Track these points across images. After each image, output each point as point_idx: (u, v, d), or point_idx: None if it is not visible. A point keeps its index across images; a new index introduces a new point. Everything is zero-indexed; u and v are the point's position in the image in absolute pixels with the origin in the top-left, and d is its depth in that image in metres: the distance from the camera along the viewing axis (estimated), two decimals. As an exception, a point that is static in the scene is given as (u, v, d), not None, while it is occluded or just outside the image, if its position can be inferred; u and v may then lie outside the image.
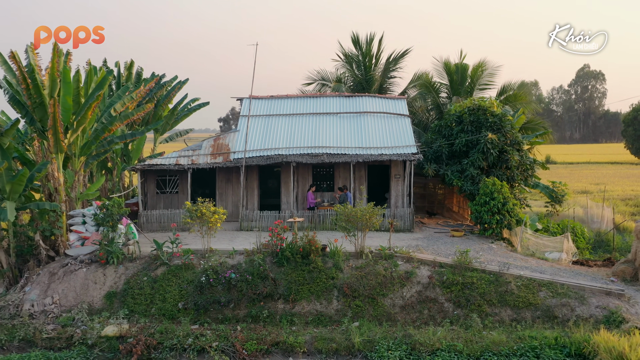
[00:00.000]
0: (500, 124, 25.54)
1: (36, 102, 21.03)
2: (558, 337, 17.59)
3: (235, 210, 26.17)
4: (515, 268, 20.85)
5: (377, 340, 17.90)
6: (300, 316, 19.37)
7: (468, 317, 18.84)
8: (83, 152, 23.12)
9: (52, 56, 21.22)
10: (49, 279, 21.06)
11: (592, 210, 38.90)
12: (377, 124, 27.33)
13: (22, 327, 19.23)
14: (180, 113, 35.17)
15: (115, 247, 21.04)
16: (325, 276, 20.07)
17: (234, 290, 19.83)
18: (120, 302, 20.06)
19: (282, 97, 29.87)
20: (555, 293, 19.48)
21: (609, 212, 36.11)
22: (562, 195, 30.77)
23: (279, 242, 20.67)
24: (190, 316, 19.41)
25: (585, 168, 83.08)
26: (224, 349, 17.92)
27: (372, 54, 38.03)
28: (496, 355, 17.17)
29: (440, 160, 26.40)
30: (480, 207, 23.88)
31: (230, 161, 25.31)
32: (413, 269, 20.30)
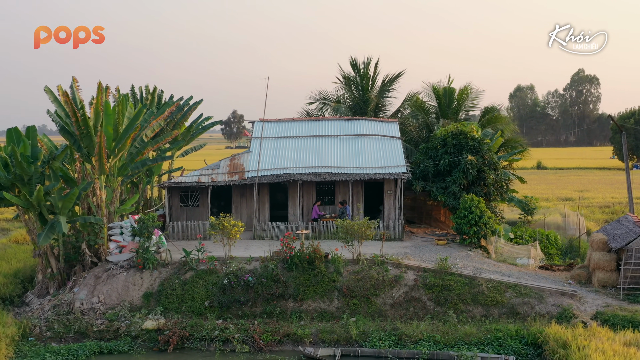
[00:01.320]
0: (479, 146, 29.48)
1: (83, 132, 24.96)
2: (518, 329, 21.56)
3: (249, 221, 30.06)
4: (487, 272, 24.79)
5: (371, 332, 21.86)
6: (307, 313, 23.31)
7: (446, 313, 22.80)
8: (120, 173, 27.06)
9: (97, 93, 25.15)
10: (95, 281, 24.98)
11: (569, 217, 42.82)
12: (372, 145, 31.28)
13: (75, 321, 23.16)
14: (196, 131, 38.98)
15: (150, 254, 24.96)
16: (327, 279, 24.00)
17: (251, 291, 23.75)
18: (156, 301, 23.98)
19: (289, 120, 33.86)
20: (519, 293, 23.45)
21: (582, 220, 40.03)
22: (533, 208, 34.62)
23: (288, 250, 24.59)
24: (215, 313, 23.33)
25: (573, 174, 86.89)
26: (244, 340, 21.86)
27: (369, 76, 42.03)
28: (467, 344, 21.11)
29: (427, 178, 30.32)
30: (460, 220, 27.85)
31: (245, 179, 29.26)
32: (401, 274, 24.25)
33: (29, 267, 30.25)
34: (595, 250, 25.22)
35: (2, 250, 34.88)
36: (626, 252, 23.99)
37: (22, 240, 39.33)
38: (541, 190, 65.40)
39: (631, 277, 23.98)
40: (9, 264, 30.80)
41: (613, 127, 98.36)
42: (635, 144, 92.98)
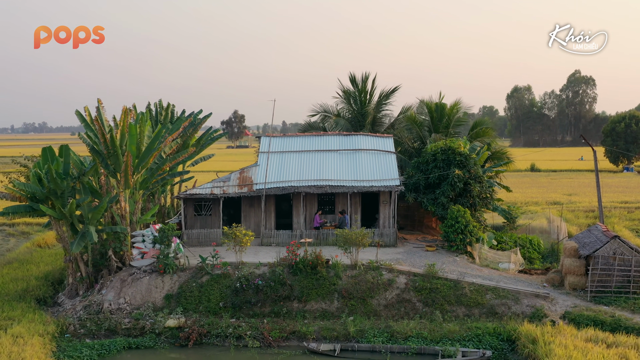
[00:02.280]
0: (465, 161, 32.48)
1: (110, 152, 27.98)
2: (496, 327, 24.62)
3: (257, 228, 33.05)
4: (470, 277, 27.82)
5: (366, 329, 24.91)
6: (310, 312, 26.35)
7: (433, 313, 25.84)
8: (142, 187, 30.10)
9: (123, 117, 28.16)
10: (121, 284, 28.03)
11: (554, 223, 45.83)
12: (369, 159, 34.28)
13: (105, 320, 26.20)
14: (205, 142, 41.91)
15: (170, 260, 27.99)
16: (328, 283, 27.03)
17: (260, 293, 26.79)
18: (176, 302, 27.01)
19: (294, 135, 36.91)
20: (498, 295, 26.51)
21: (564, 225, 43.03)
22: (515, 217, 37.63)
23: (293, 257, 27.61)
24: (229, 312, 26.36)
25: (565, 177, 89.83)
26: (255, 336, 24.91)
27: (367, 90, 45.08)
28: (451, 340, 24.15)
29: (419, 189, 33.31)
30: (448, 229, 30.89)
31: (254, 191, 32.28)
32: (394, 278, 27.29)
33: (57, 270, 33.32)
34: (567, 257, 28.25)
35: (29, 254, 37.96)
36: (593, 259, 27.02)
37: (44, 244, 42.45)
38: (532, 194, 68.44)
39: (598, 281, 27.01)
40: (38, 267, 33.88)
41: (604, 130, 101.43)
42: (625, 147, 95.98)
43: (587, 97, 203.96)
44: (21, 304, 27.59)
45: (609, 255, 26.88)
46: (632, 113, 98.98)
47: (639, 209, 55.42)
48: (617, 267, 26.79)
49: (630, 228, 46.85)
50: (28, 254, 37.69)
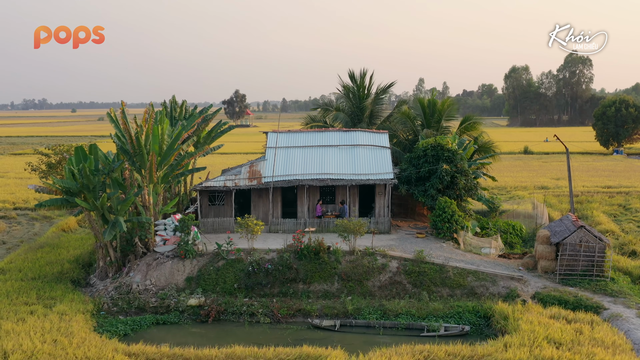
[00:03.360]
0: (453, 157, 36.04)
1: (137, 151, 31.60)
2: (475, 306, 28.44)
3: (265, 217, 36.72)
4: (454, 261, 31.60)
5: (363, 307, 28.73)
6: (314, 293, 30.17)
7: (420, 293, 29.66)
8: (163, 181, 33.75)
9: (149, 119, 31.72)
10: (147, 267, 31.81)
11: (538, 208, 49.54)
12: (366, 154, 37.84)
13: (135, 299, 30.01)
14: (215, 134, 45.48)
15: (190, 246, 31.74)
16: (329, 267, 30.82)
17: (270, 276, 30.58)
18: (196, 284, 30.80)
19: (298, 131, 40.50)
20: (477, 278, 30.32)
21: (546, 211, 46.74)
22: (497, 206, 41.30)
23: (299, 244, 31.34)
24: (242, 293, 30.17)
25: (557, 160, 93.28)
26: (266, 313, 28.74)
27: (365, 86, 48.53)
28: (435, 317, 27.96)
29: (411, 182, 36.91)
30: (436, 218, 34.62)
31: (262, 184, 35.90)
32: (387, 262, 31.07)
33: (86, 253, 37.11)
34: (540, 244, 32.01)
35: (57, 238, 41.73)
36: (562, 246, 30.80)
37: (68, 228, 46.26)
38: (522, 178, 72.04)
39: (566, 265, 30.81)
40: (68, 251, 37.63)
41: (595, 114, 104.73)
42: (615, 130, 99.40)
43: (583, 77, 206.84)
44: (59, 285, 31.37)
45: (576, 243, 30.63)
46: (622, 97, 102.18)
47: (619, 194, 59.02)
48: (582, 253, 30.56)
49: (609, 213, 50.48)
50: (56, 239, 41.42)
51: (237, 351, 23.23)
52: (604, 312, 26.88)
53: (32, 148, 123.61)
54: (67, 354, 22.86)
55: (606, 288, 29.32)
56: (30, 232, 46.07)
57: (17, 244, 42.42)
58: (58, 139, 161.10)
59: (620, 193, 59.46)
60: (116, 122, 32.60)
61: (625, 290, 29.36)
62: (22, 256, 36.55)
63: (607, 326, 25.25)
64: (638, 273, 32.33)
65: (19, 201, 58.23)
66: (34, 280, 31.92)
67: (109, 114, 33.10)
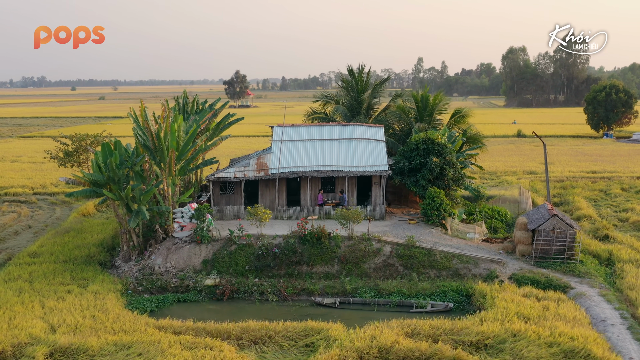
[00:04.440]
0: (442, 150, 39.65)
1: (157, 147, 35.22)
2: (458, 286, 32.25)
3: (271, 204, 40.41)
4: (441, 246, 35.40)
5: (360, 287, 32.56)
6: (316, 274, 33.98)
7: (410, 275, 33.48)
8: (180, 173, 37.42)
9: (167, 118, 35.26)
10: (167, 251, 35.60)
11: (524, 194, 53.23)
12: (363, 147, 41.46)
13: (157, 280, 33.82)
14: (224, 126, 48.97)
15: (205, 232, 35.49)
16: (330, 251, 34.60)
17: (277, 259, 34.38)
18: (211, 266, 34.60)
19: (301, 125, 44.11)
20: (462, 261, 34.13)
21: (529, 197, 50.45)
22: (482, 195, 44.99)
23: (303, 230, 35.09)
24: (253, 274, 33.98)
25: (548, 143, 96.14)
26: (274, 292, 32.56)
27: (363, 80, 52.00)
28: (423, 295, 31.78)
29: (403, 173, 40.55)
30: (426, 206, 38.37)
31: (269, 175, 39.59)
32: (381, 247, 34.86)
33: (108, 237, 40.82)
34: (519, 230, 35.79)
35: (80, 223, 45.47)
36: (538, 232, 34.56)
37: (87, 213, 49.99)
38: (512, 163, 75.64)
39: (540, 249, 34.60)
40: (92, 236, 41.36)
41: (586, 98, 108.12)
42: (605, 114, 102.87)
43: (579, 59, 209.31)
44: (89, 267, 35.17)
45: (549, 229, 34.39)
46: (612, 83, 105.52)
47: (602, 179, 62.70)
48: (555, 238, 34.35)
49: (590, 198, 54.17)
50: (79, 224, 45.16)
51: (251, 325, 27.02)
52: (570, 291, 30.74)
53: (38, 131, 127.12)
54: (106, 328, 26.71)
55: (575, 270, 33.16)
56: (53, 217, 49.79)
57: (42, 228, 46.18)
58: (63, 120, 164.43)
59: (603, 178, 63.06)
60: (137, 120, 36.13)
61: (592, 272, 33.19)
62: (51, 240, 40.29)
63: (572, 303, 29.08)
64: (606, 256, 36.11)
65: (36, 186, 61.82)
66: (65, 263, 35.67)
67: (130, 114, 36.60)
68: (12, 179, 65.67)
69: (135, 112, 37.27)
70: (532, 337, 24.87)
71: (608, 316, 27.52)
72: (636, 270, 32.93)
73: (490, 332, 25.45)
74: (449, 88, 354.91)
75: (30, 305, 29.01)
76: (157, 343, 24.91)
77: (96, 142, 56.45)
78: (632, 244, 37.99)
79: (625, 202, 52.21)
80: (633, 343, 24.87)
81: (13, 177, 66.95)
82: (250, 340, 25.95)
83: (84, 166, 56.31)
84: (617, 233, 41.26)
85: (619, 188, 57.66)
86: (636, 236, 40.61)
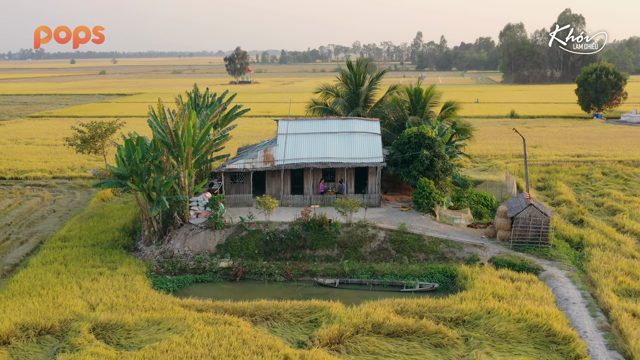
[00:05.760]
0: (432, 144, 43.61)
1: (175, 143, 39.23)
2: (444, 268, 36.50)
3: (277, 192, 44.48)
4: (430, 231, 39.60)
5: (357, 269, 36.84)
6: (318, 257, 38.23)
7: (402, 258, 37.74)
8: (195, 166, 41.49)
9: (184, 117, 39.20)
10: (184, 236, 39.81)
11: (510, 179, 57.32)
12: (360, 140, 45.43)
13: (177, 262, 38.07)
14: (231, 117, 52.91)
15: (219, 220, 39.67)
16: (330, 236, 38.82)
17: (283, 244, 38.60)
18: (224, 250, 38.82)
19: (304, 119, 48.07)
20: (448, 245, 38.36)
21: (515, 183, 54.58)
22: (468, 184, 49.05)
23: (306, 218, 39.25)
24: (262, 257, 38.22)
25: (540, 124, 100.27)
26: (281, 273, 36.83)
27: (361, 73, 55.78)
28: (413, 277, 36.02)
29: (397, 164, 44.53)
30: (417, 195, 42.51)
31: (275, 166, 43.66)
32: (376, 233, 39.08)
33: (129, 222, 44.97)
34: (499, 217, 39.96)
35: (101, 208, 49.61)
36: (516, 219, 38.74)
37: (106, 198, 54.05)
38: (503, 146, 79.45)
39: (518, 235, 38.80)
40: (115, 221, 45.49)
41: (577, 80, 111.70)
42: (595, 96, 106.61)
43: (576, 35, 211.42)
44: (115, 250, 39.38)
45: (526, 217, 38.55)
46: (602, 65, 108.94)
47: (585, 163, 66.70)
48: (531, 225, 38.54)
49: (572, 182, 58.18)
50: (100, 209, 49.30)
51: (263, 304, 31.30)
52: (542, 273, 35.01)
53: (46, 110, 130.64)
54: (138, 306, 31.01)
55: (547, 254, 37.39)
56: (74, 201, 53.94)
57: (65, 212, 50.34)
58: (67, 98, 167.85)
59: (587, 162, 66.99)
60: (156, 119, 40.08)
61: (562, 255, 37.45)
62: (78, 225, 44.50)
63: (541, 284, 33.37)
64: (577, 240, 40.32)
65: (54, 170, 65.87)
66: (93, 247, 39.88)
67: (150, 113, 40.53)
68: (30, 162, 69.68)
69: (155, 110, 41.17)
70: (503, 314, 29.18)
71: (571, 295, 31.82)
72: (601, 254, 37.16)
73: (468, 310, 29.76)
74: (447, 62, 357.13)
75: (69, 286, 33.26)
76: (183, 319, 29.22)
77: (111, 129, 60.25)
78: (602, 229, 42.14)
79: (604, 186, 56.21)
80: (589, 319, 29.20)
81: (31, 160, 70.94)
82: (262, 316, 30.20)
83: (100, 153, 60.22)
84: (591, 218, 45.39)
85: (600, 172, 61.60)
86: (607, 220, 44.79)
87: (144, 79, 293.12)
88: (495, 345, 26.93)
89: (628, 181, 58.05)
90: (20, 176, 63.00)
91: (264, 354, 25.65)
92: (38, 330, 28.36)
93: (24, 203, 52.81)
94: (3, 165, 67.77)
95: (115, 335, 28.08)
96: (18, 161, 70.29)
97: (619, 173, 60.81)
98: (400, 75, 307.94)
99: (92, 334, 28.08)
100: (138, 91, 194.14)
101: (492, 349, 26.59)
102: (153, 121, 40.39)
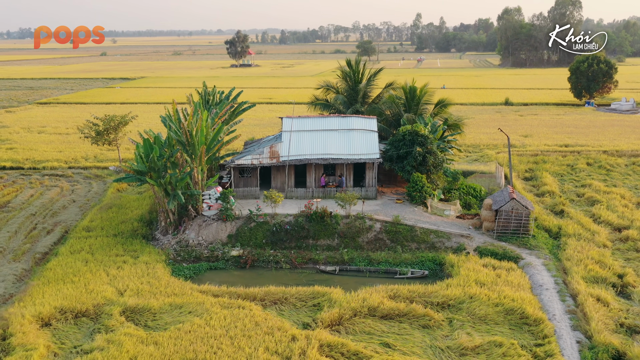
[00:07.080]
0: (425, 141, 47.36)
1: (189, 142, 43.02)
2: (433, 256, 40.44)
3: (282, 185, 48.33)
4: (421, 223, 43.51)
5: (355, 257, 40.80)
6: (320, 247, 42.17)
7: (396, 247, 41.68)
8: (207, 162, 45.30)
9: (197, 117, 42.91)
10: (198, 227, 43.73)
11: (499, 170, 60.94)
12: (359, 137, 49.19)
13: (192, 251, 42.01)
14: (238, 112, 56.59)
15: (229, 212, 43.57)
16: (331, 227, 42.72)
17: (289, 234, 42.52)
18: (235, 239, 42.74)
19: (306, 117, 51.80)
20: (437, 235, 42.29)
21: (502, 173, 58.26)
22: (458, 177, 52.83)
23: (309, 210, 43.13)
24: (269, 246, 42.14)
25: (532, 112, 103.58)
26: (287, 261, 40.77)
27: (359, 71, 59.37)
28: (405, 264, 39.92)
29: (392, 160, 48.31)
30: (410, 189, 46.37)
31: (280, 162, 47.48)
32: (373, 224, 42.99)
33: (145, 213, 48.78)
34: (485, 209, 43.85)
35: (118, 199, 53.36)
36: (500, 212, 42.63)
37: (122, 188, 57.75)
38: (495, 135, 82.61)
39: (502, 226, 42.71)
40: (132, 212, 49.26)
41: (570, 68, 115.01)
42: (587, 84, 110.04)
43: (572, 19, 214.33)
44: (136, 240, 43.26)
45: (509, 210, 42.46)
46: (594, 54, 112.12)
47: (572, 153, 70.28)
48: (513, 217, 42.45)
49: (557, 173, 61.80)
50: (118, 199, 53.06)
51: (272, 290, 35.28)
52: (521, 261, 38.96)
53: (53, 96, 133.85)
54: (161, 292, 34.98)
55: (527, 243, 41.34)
56: (92, 191, 57.69)
57: (85, 202, 54.10)
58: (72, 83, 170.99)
59: (573, 152, 70.56)
60: (171, 119, 43.81)
61: (541, 245, 41.39)
62: (98, 215, 48.36)
63: (520, 272, 37.31)
64: (556, 230, 44.20)
65: (69, 160, 69.49)
66: (115, 237, 43.75)
67: (167, 115, 44.27)
68: (45, 152, 73.31)
69: (170, 111, 44.87)
70: (483, 299, 33.17)
71: (545, 282, 35.83)
72: (576, 244, 41.09)
73: (453, 295, 33.74)
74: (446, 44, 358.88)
75: (97, 274, 37.20)
76: (202, 304, 33.21)
77: (123, 122, 63.94)
78: (580, 220, 46.00)
79: (587, 177, 59.93)
80: (559, 303, 33.22)
81: (46, 150, 74.55)
82: (271, 301, 34.17)
83: (113, 144, 63.97)
84: (570, 209, 49.23)
85: (585, 163, 65.29)
86: (585, 211, 48.67)
87: (145, 60, 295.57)
88: (475, 327, 30.91)
89: (610, 172, 61.69)
90: (37, 166, 66.61)
91: (274, 334, 29.64)
92: (75, 313, 32.34)
93: (44, 193, 56.50)
94: (20, 155, 71.37)
95: (142, 317, 32.07)
96: (34, 151, 73.84)
97: (603, 163, 64.39)
98: (400, 57, 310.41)
99: (123, 316, 32.03)
100: (140, 75, 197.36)
101: (473, 330, 30.58)
102: (168, 121, 44.06)
